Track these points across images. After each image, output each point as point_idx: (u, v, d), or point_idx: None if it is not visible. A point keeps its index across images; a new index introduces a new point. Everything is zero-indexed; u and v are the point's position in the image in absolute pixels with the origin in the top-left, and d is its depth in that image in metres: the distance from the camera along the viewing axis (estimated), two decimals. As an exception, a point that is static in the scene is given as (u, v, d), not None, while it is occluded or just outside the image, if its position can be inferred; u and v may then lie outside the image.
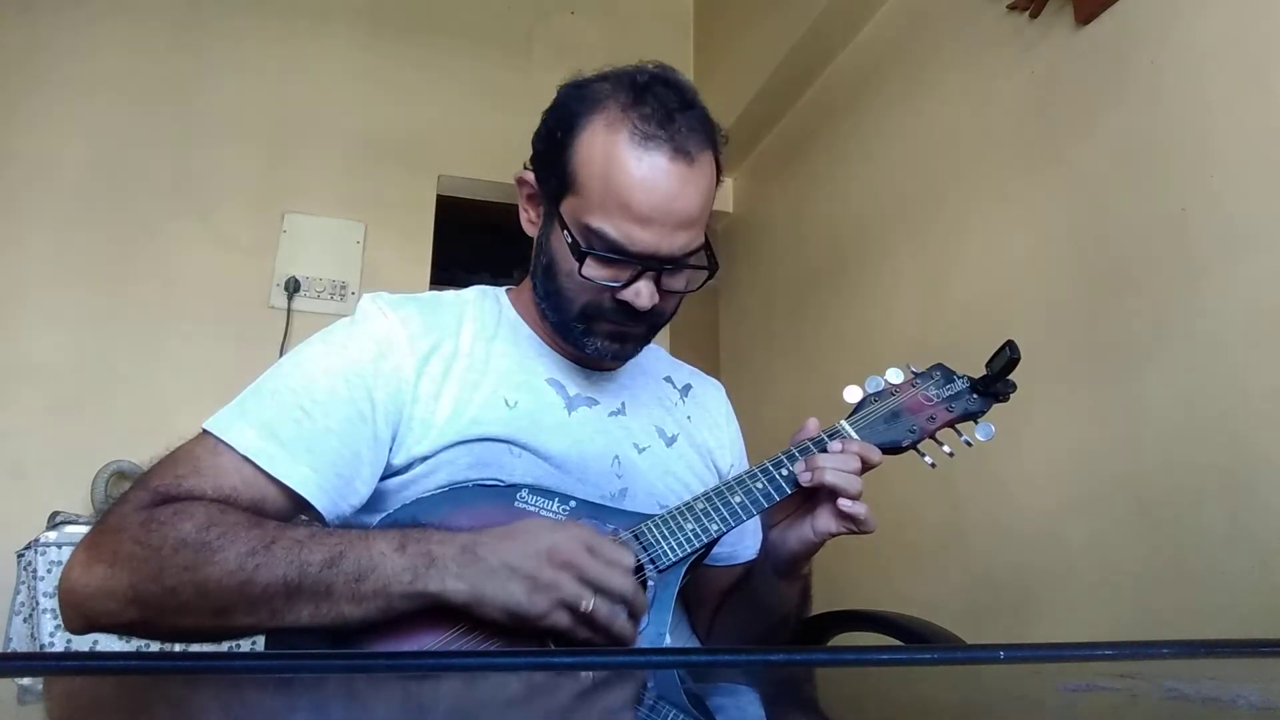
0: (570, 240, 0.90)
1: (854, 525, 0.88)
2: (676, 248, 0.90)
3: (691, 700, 0.53)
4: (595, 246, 0.89)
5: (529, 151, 0.98)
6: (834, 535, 0.89)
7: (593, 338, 0.95)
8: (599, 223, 0.88)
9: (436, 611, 0.77)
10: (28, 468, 2.33)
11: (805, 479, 0.88)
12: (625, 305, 0.91)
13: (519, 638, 0.78)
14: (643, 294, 0.90)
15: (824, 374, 2.38)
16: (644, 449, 1.02)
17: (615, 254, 0.88)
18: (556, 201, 0.93)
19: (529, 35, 3.11)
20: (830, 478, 0.87)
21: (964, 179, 1.90)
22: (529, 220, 1.00)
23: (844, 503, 0.87)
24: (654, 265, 0.90)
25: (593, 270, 0.90)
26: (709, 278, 0.95)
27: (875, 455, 0.91)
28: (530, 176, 0.97)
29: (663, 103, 0.89)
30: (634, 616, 0.79)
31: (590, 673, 0.53)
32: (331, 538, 0.78)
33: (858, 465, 0.89)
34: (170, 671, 0.52)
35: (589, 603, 0.76)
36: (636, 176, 0.87)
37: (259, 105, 2.78)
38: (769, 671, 0.59)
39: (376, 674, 0.53)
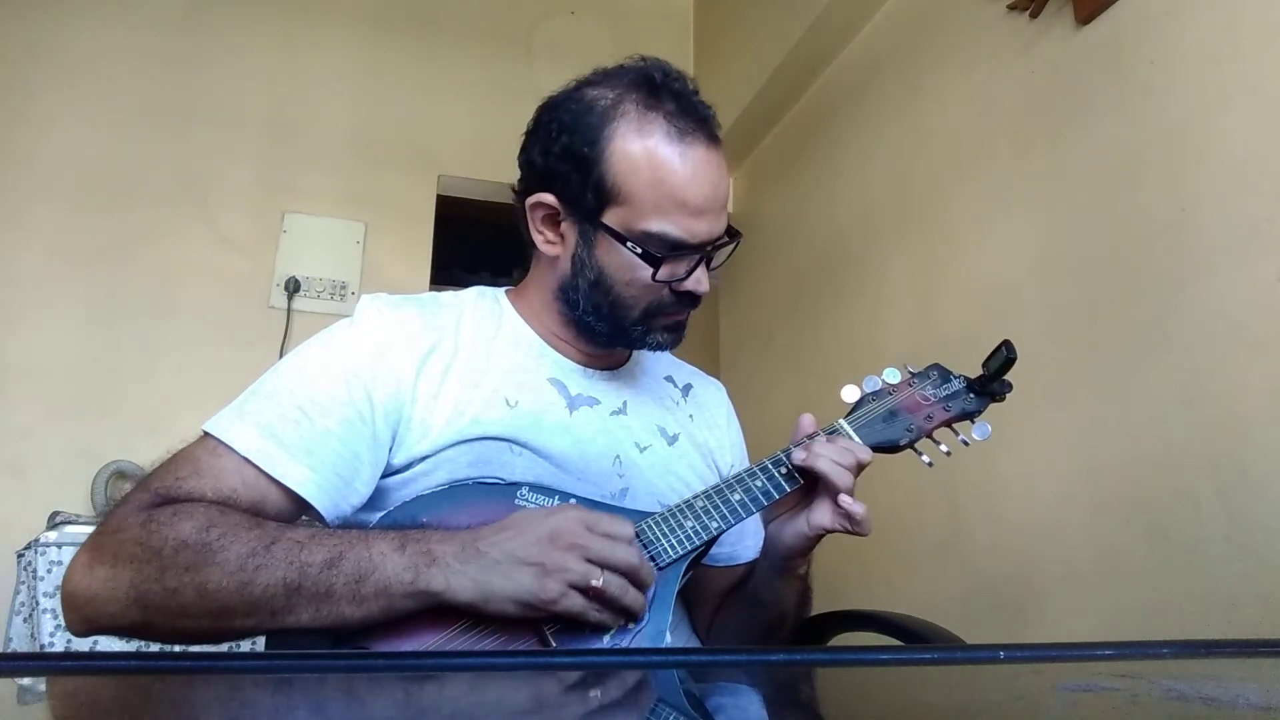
0: (639, 251, 0.91)
1: (849, 524, 0.88)
2: (722, 227, 0.94)
3: (691, 700, 0.53)
4: (657, 249, 0.90)
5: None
6: (828, 531, 0.90)
7: (652, 334, 0.98)
8: (658, 226, 0.90)
9: (436, 610, 0.77)
10: (28, 468, 2.33)
11: (799, 458, 0.90)
12: (687, 294, 0.95)
13: (518, 632, 0.78)
14: (703, 280, 0.95)
15: (824, 374, 2.37)
16: (645, 448, 1.02)
17: (681, 250, 0.91)
18: (595, 216, 0.92)
19: (529, 35, 3.11)
20: (823, 465, 0.88)
21: (963, 179, 1.90)
22: (547, 241, 0.98)
23: (844, 499, 0.87)
24: (710, 251, 0.94)
25: (664, 272, 0.92)
26: (735, 246, 0.98)
27: (866, 454, 0.91)
28: (548, 199, 0.95)
29: (679, 94, 0.92)
30: (641, 586, 0.80)
31: (596, 693, 0.54)
32: (331, 538, 0.78)
33: (852, 461, 0.89)
34: (170, 671, 0.52)
35: (599, 579, 0.76)
36: (686, 174, 0.90)
37: (259, 105, 2.78)
38: (769, 671, 0.59)
39: (376, 674, 0.53)
